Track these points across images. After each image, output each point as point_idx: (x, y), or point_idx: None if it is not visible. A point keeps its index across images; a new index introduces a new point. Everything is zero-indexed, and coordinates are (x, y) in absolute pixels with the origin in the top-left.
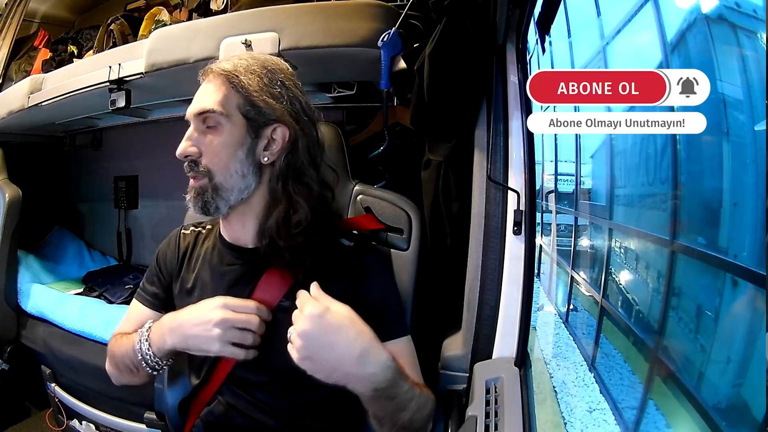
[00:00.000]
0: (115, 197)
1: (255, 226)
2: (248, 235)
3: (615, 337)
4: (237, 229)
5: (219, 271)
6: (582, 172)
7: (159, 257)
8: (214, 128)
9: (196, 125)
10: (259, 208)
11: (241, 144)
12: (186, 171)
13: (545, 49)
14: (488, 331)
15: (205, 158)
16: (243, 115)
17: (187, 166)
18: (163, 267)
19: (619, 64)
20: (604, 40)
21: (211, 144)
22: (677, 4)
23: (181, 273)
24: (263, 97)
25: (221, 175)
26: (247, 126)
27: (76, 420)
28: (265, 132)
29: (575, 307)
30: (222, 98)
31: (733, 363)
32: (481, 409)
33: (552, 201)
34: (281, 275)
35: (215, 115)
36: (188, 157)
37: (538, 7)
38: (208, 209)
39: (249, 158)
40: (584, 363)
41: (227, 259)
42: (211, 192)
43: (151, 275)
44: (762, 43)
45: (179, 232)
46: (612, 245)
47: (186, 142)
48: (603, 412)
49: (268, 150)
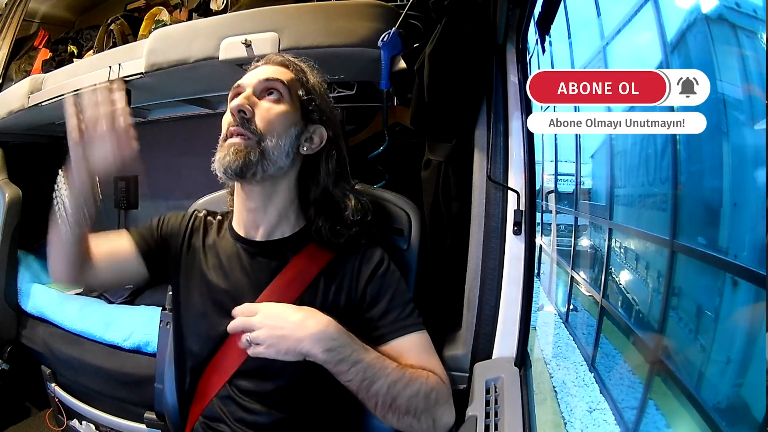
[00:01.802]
0: (115, 197)
1: (276, 214)
2: (266, 224)
3: (615, 337)
4: (257, 217)
5: (230, 265)
6: (582, 172)
7: (163, 222)
8: (275, 99)
9: (254, 90)
10: (284, 195)
11: (294, 124)
12: (231, 125)
13: (545, 49)
14: (488, 331)
15: (261, 121)
16: (301, 103)
17: (237, 121)
18: (165, 230)
19: (620, 64)
20: (604, 40)
21: (270, 111)
22: (677, 4)
23: (182, 253)
24: (320, 98)
25: (271, 143)
26: (301, 113)
27: (76, 420)
28: (310, 127)
29: (575, 307)
30: (290, 79)
31: (733, 363)
32: (481, 409)
33: (552, 201)
34: (297, 274)
35: (282, 87)
36: (242, 113)
37: (538, 7)
38: (245, 170)
39: (295, 141)
40: (584, 363)
41: (239, 253)
42: (257, 153)
43: (147, 228)
44: (762, 43)
45: (194, 213)
46: (612, 245)
47: (243, 99)
48: (603, 412)
49: (307, 143)
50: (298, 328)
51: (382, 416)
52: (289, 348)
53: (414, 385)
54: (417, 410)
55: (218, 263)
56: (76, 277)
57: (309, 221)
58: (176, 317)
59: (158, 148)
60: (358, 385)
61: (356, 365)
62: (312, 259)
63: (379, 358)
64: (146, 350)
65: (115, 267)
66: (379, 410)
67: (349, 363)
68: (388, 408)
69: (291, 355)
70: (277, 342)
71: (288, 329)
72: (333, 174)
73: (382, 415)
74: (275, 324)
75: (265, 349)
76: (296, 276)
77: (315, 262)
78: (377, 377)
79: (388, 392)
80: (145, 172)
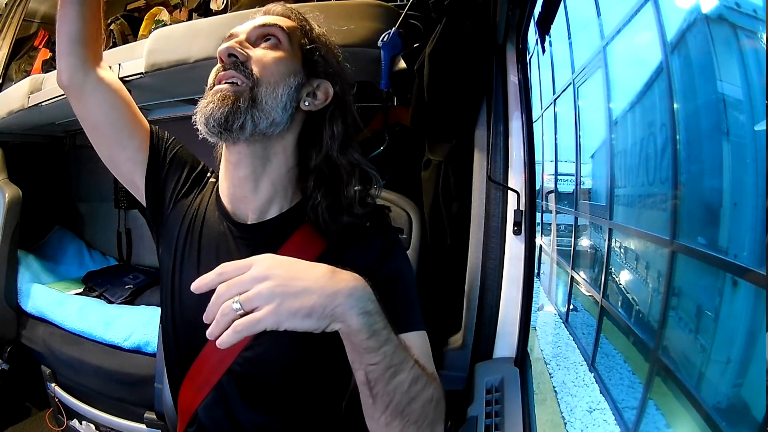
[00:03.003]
0: (115, 197)
1: (269, 186)
2: (257, 200)
3: (615, 337)
4: (246, 190)
5: (216, 245)
6: (582, 172)
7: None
8: (273, 45)
9: (249, 37)
10: (280, 161)
11: (294, 73)
12: (221, 70)
13: (545, 49)
14: (488, 331)
15: (256, 65)
16: (303, 53)
17: (227, 65)
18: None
19: (620, 64)
20: (604, 40)
21: (266, 56)
22: (677, 4)
23: (184, 211)
24: (325, 49)
25: (266, 90)
26: (302, 63)
27: (76, 420)
28: (314, 81)
29: (575, 307)
30: (290, 25)
31: (733, 363)
32: (482, 410)
33: (552, 201)
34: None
35: (280, 33)
36: (233, 57)
37: (538, 7)
38: (231, 120)
39: (294, 93)
40: (584, 363)
41: (226, 236)
42: (247, 100)
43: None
44: (762, 43)
45: (209, 176)
46: (612, 245)
47: (235, 43)
48: (603, 412)
49: (309, 98)
50: (327, 279)
51: (385, 423)
52: (314, 307)
53: (430, 390)
54: (426, 421)
55: (206, 245)
56: (77, 66)
57: (305, 195)
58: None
59: None
60: (381, 374)
61: (388, 344)
62: (308, 243)
63: (407, 352)
64: (146, 350)
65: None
66: (388, 414)
67: (382, 339)
68: (399, 412)
69: (313, 320)
70: (291, 299)
71: (310, 280)
72: (339, 137)
73: (387, 421)
74: (288, 274)
75: (269, 314)
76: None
77: (311, 246)
78: (402, 367)
79: (408, 390)
80: None
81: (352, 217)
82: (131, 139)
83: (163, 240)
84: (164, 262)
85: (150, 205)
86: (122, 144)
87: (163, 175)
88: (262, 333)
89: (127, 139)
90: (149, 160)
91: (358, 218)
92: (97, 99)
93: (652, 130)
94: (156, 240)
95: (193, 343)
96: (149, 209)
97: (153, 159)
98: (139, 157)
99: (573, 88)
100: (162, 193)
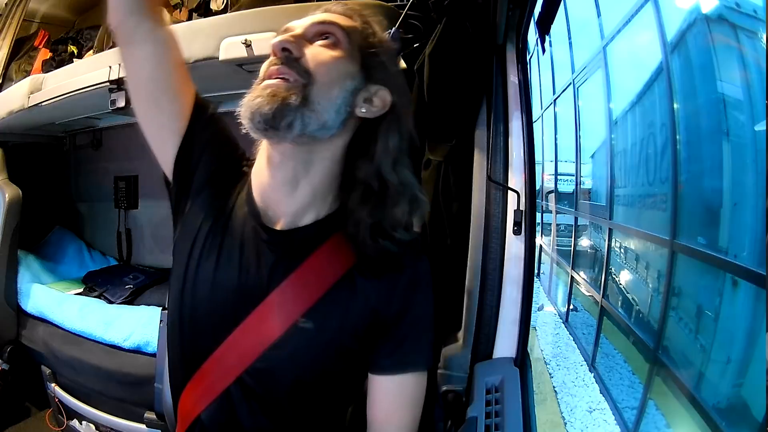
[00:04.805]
0: (115, 197)
1: (308, 192)
2: (293, 205)
3: (615, 337)
4: (284, 193)
5: (239, 246)
6: (582, 172)
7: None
8: (331, 43)
9: (305, 34)
10: (324, 167)
11: (352, 76)
12: (273, 64)
13: (545, 49)
14: (488, 331)
15: (311, 63)
16: (361, 56)
17: (280, 59)
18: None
19: (620, 64)
20: (604, 40)
21: (322, 54)
22: (677, 4)
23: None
24: (385, 55)
25: (320, 90)
26: (361, 66)
27: (76, 420)
28: (371, 87)
29: (575, 307)
30: (350, 25)
31: (733, 363)
32: (482, 410)
33: (552, 201)
34: (318, 272)
35: (340, 31)
36: (287, 52)
37: (538, 7)
38: (280, 117)
39: (350, 97)
40: (584, 363)
41: (254, 237)
42: (299, 99)
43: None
44: (762, 43)
45: (245, 164)
46: (612, 245)
47: (290, 37)
48: (603, 412)
49: (366, 104)
50: None
51: None
52: None
53: None
54: None
55: (229, 245)
56: (131, 9)
57: (342, 205)
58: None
59: None
60: None
61: None
62: (337, 256)
63: None
64: (146, 350)
65: (164, 69)
66: None
67: None
68: None
69: None
70: None
71: None
72: (393, 152)
73: None
74: None
75: None
76: (317, 274)
77: (340, 260)
78: None
79: None
80: (146, 172)
81: (393, 242)
82: (172, 103)
83: (183, 225)
84: (180, 249)
85: (177, 181)
86: (161, 105)
87: (197, 153)
88: (280, 345)
89: (168, 102)
90: (186, 132)
91: (399, 245)
92: (145, 51)
93: (652, 130)
94: (174, 219)
95: (200, 345)
96: (175, 185)
97: (190, 132)
98: (175, 125)
99: (573, 88)
100: (193, 172)
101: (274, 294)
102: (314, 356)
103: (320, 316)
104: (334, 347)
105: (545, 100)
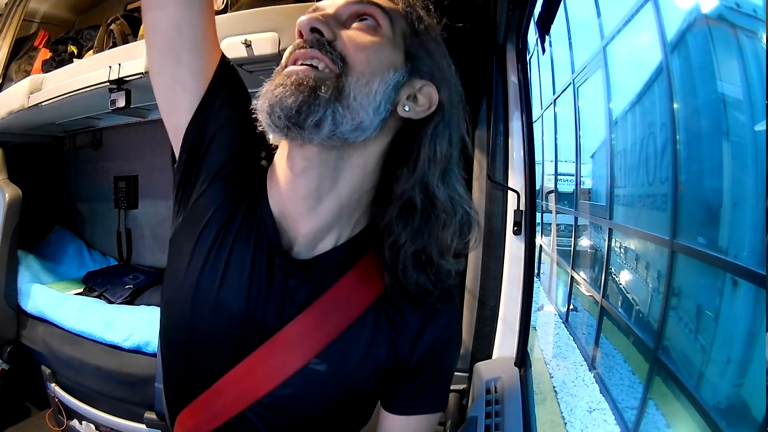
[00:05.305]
0: (115, 197)
1: (334, 209)
2: (315, 223)
3: (615, 337)
4: (305, 207)
5: (249, 266)
6: (582, 172)
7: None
8: (370, 27)
9: (339, 13)
10: (356, 177)
11: (394, 68)
12: (299, 46)
13: (545, 49)
14: (488, 331)
15: (348, 48)
16: (405, 45)
17: (309, 41)
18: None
19: (620, 64)
20: (603, 41)
21: (360, 38)
22: (677, 4)
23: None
24: (434, 45)
25: (357, 81)
26: (405, 56)
27: (76, 420)
28: (416, 82)
29: (575, 307)
30: (393, 8)
31: (733, 363)
32: (482, 410)
33: (552, 201)
34: (341, 302)
35: (380, 14)
36: (317, 33)
37: (538, 7)
38: (305, 112)
39: (392, 92)
40: (584, 363)
41: (265, 255)
42: (330, 90)
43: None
44: (762, 43)
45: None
46: (612, 245)
47: (321, 15)
48: (603, 412)
49: (410, 102)
50: None
51: None
52: None
53: None
54: None
55: (237, 262)
56: None
57: (372, 222)
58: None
59: (159, 148)
60: None
61: None
62: (363, 285)
63: None
64: (146, 350)
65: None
66: None
67: None
68: None
69: None
70: None
71: None
72: (441, 161)
73: None
74: None
75: None
76: (340, 304)
77: (366, 290)
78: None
79: None
80: (146, 172)
81: (437, 275)
82: (192, 55)
83: (188, 214)
84: (179, 246)
85: (185, 156)
86: (179, 56)
87: (214, 124)
88: (287, 384)
89: (187, 53)
90: (205, 95)
91: (443, 278)
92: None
93: (652, 130)
94: (177, 202)
95: (197, 373)
96: (182, 161)
97: (210, 96)
98: (192, 84)
99: (573, 88)
100: (207, 147)
101: (286, 329)
102: (325, 398)
103: (336, 358)
104: (347, 390)
105: (545, 100)
